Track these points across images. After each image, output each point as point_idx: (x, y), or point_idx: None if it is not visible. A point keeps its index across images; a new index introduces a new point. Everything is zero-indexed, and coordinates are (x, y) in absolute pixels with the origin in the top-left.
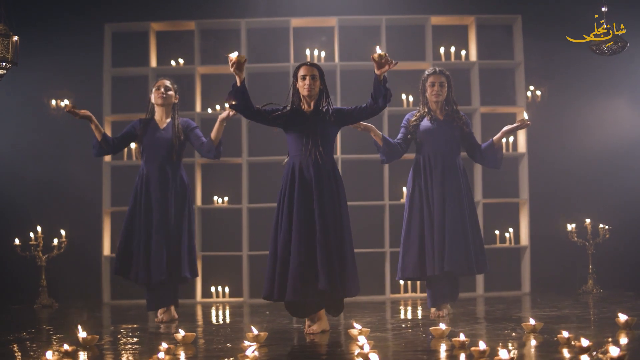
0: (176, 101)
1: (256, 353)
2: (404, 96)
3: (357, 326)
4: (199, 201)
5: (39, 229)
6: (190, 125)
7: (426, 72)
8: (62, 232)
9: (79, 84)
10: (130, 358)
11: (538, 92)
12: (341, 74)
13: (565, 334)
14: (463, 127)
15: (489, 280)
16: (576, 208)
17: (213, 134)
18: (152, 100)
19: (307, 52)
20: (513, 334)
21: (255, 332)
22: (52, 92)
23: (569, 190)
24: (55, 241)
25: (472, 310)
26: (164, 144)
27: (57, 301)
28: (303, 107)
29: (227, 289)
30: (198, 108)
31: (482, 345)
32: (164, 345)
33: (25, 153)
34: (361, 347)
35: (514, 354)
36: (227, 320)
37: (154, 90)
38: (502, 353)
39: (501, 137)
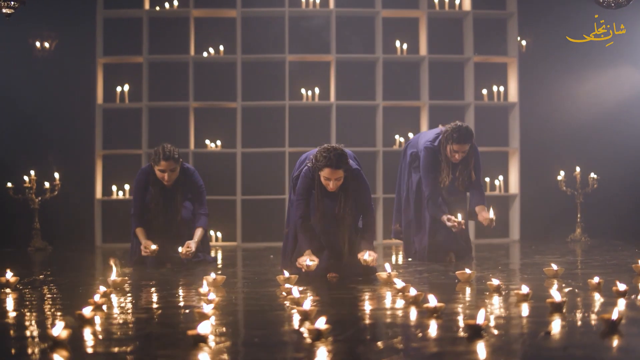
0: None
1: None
2: (398, 43)
3: (388, 268)
4: (192, 145)
5: (32, 172)
6: (196, 184)
7: (452, 133)
8: (56, 175)
9: (70, 26)
10: (178, 300)
11: (524, 42)
12: (337, 20)
13: (596, 279)
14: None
15: (479, 228)
16: (566, 158)
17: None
18: (155, 170)
19: None
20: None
21: (287, 274)
22: (38, 33)
23: (559, 140)
24: (47, 184)
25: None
26: (171, 204)
27: (50, 244)
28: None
29: (219, 234)
30: (192, 51)
31: (524, 289)
32: (206, 288)
33: (16, 95)
34: (402, 290)
35: (564, 297)
36: (235, 264)
37: (156, 169)
38: (555, 294)
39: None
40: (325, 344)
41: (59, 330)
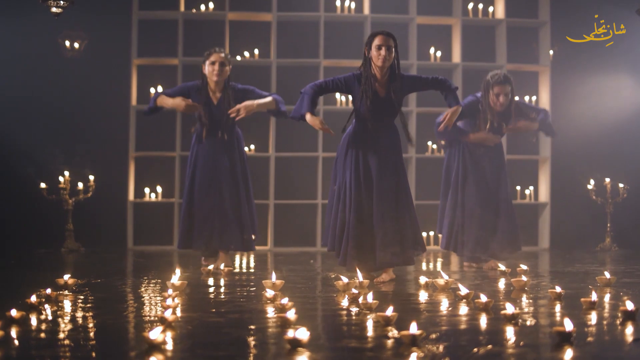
0: (229, 71)
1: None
2: (432, 50)
3: (445, 276)
4: None
5: (66, 173)
6: (247, 90)
7: (491, 79)
8: (91, 177)
9: (105, 27)
10: (249, 303)
11: (550, 52)
12: (372, 27)
13: None
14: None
15: None
16: (596, 167)
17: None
18: (205, 72)
19: (337, 2)
20: (597, 285)
21: (346, 280)
22: (69, 34)
23: (589, 149)
24: (81, 185)
25: (514, 264)
26: (216, 120)
27: (82, 246)
28: (374, 79)
29: (252, 237)
30: None
31: (594, 296)
32: (270, 292)
33: (51, 96)
34: (466, 297)
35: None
36: (276, 269)
37: (207, 63)
38: (629, 304)
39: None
40: (420, 350)
41: (156, 334)
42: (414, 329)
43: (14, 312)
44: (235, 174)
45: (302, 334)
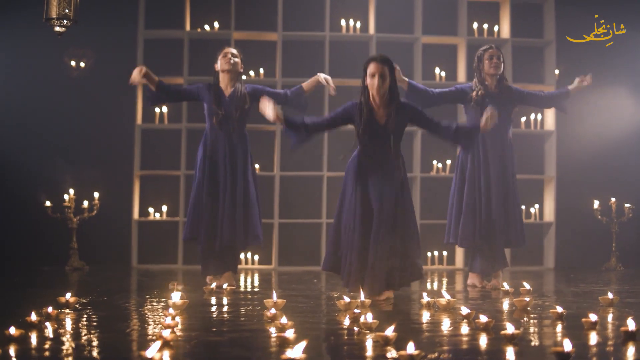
0: (241, 70)
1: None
2: (437, 70)
3: (447, 295)
4: None
5: (71, 191)
6: (257, 88)
7: (481, 49)
8: (96, 194)
9: (110, 46)
10: (241, 320)
11: (556, 71)
12: (377, 46)
13: None
14: (516, 99)
15: (513, 255)
16: (601, 186)
17: (307, 86)
18: (218, 67)
19: (343, 22)
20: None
21: (348, 299)
22: (74, 52)
23: (595, 168)
24: (86, 203)
25: (517, 284)
26: (228, 111)
27: (87, 264)
28: (373, 106)
29: (256, 257)
30: None
31: (593, 317)
32: (273, 310)
33: (56, 115)
34: (468, 317)
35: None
36: (280, 288)
37: (219, 57)
38: (630, 324)
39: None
40: None
41: (153, 352)
42: (410, 348)
43: (12, 330)
44: (245, 167)
45: (298, 353)
